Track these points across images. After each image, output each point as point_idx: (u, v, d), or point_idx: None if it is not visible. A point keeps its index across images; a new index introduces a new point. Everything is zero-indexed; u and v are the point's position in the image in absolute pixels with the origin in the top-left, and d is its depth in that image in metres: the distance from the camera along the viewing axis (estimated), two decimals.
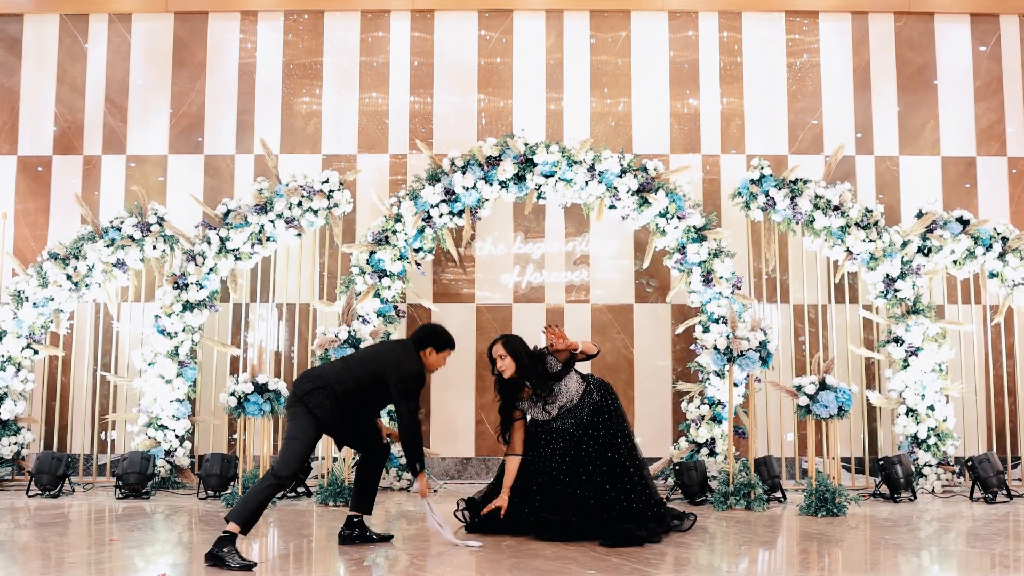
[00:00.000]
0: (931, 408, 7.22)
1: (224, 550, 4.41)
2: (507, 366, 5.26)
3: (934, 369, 7.26)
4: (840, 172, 8.09)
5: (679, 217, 7.40)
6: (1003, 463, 7.32)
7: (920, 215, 7.52)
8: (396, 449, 7.31)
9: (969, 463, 6.84)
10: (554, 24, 8.36)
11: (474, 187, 7.44)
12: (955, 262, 7.55)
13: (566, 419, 5.39)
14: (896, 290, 7.36)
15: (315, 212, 7.56)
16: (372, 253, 7.46)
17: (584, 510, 5.10)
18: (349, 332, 6.57)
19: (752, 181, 7.52)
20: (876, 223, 7.44)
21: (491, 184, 7.44)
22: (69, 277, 7.53)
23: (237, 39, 8.38)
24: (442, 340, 5.12)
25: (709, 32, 8.34)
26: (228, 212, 7.58)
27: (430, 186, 7.46)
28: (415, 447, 4.81)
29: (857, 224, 7.40)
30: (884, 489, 6.86)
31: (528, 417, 5.45)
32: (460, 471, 7.97)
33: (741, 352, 6.41)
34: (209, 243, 7.51)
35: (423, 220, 7.48)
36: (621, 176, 7.42)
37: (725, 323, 7.11)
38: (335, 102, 8.32)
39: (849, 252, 7.43)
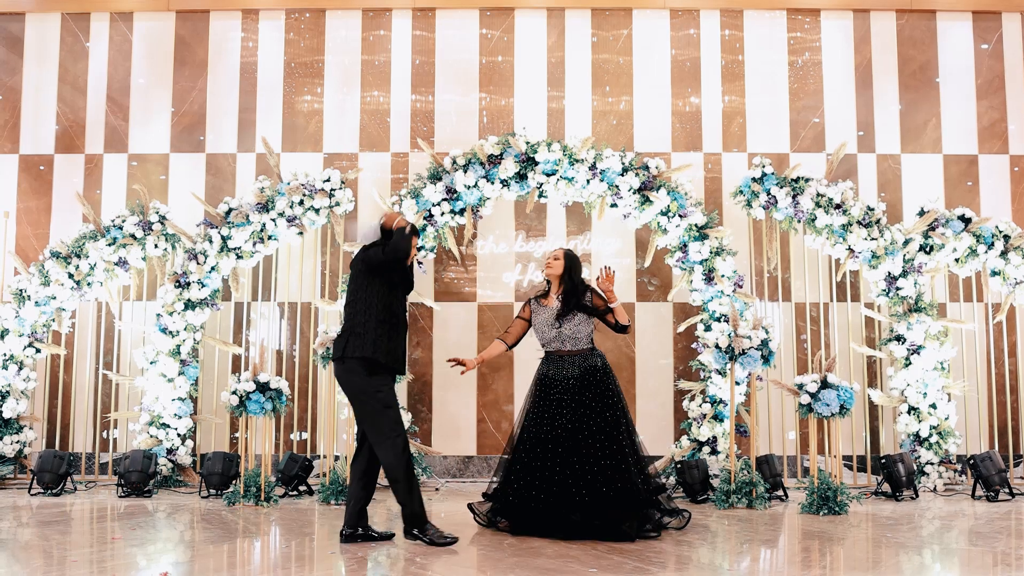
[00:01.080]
0: (933, 406, 7.21)
1: (424, 530, 4.78)
2: (556, 267, 5.48)
3: (936, 367, 7.25)
4: (842, 170, 8.08)
5: (681, 215, 7.39)
6: (1005, 461, 7.31)
7: (922, 213, 7.51)
8: None
9: (971, 461, 6.84)
10: (555, 23, 8.35)
11: (475, 186, 7.44)
12: (957, 260, 7.54)
13: (564, 365, 5.40)
14: (898, 288, 7.35)
15: (317, 211, 7.57)
16: None
17: (589, 486, 5.09)
18: None
19: (754, 179, 7.52)
20: (878, 221, 7.43)
21: (492, 183, 7.44)
22: (71, 276, 7.54)
23: (238, 38, 8.39)
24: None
25: (710, 30, 8.34)
26: (230, 211, 7.58)
27: (432, 184, 7.46)
28: (398, 246, 4.83)
29: (859, 222, 7.39)
30: (886, 487, 6.86)
31: (533, 324, 5.56)
32: (462, 470, 7.97)
33: (743, 350, 6.41)
34: (211, 242, 7.51)
35: (425, 219, 7.49)
36: (623, 174, 7.41)
37: (727, 321, 7.10)
38: (337, 100, 8.32)
39: (851, 250, 7.43)
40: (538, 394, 5.45)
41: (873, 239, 7.37)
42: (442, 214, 7.49)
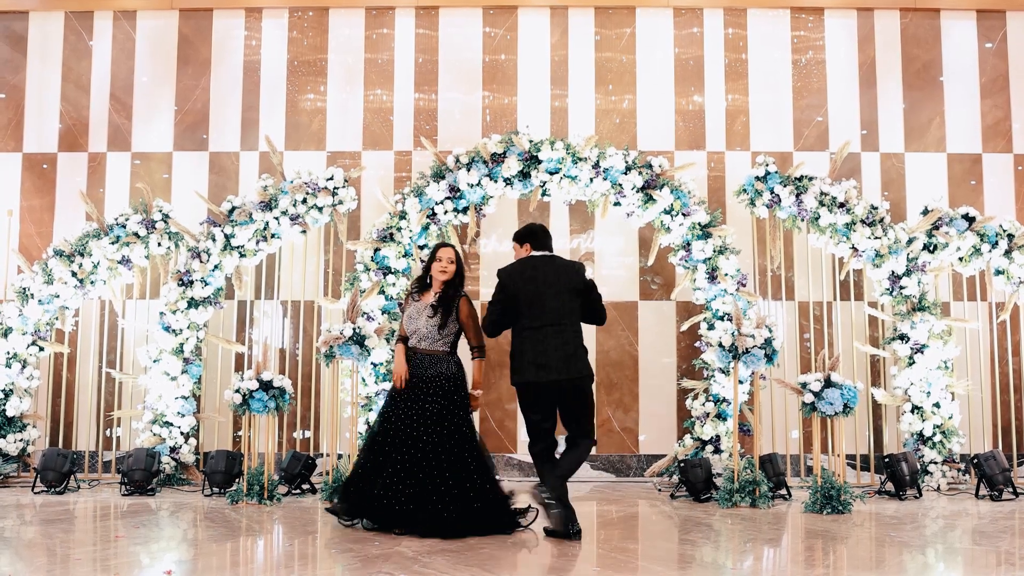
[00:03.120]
0: (937, 405, 7.20)
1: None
2: (451, 271, 5.59)
3: (940, 366, 7.24)
4: (845, 169, 8.07)
5: (684, 214, 7.38)
6: (1009, 460, 7.30)
7: (926, 212, 7.50)
8: None
9: (975, 460, 6.83)
10: (559, 21, 8.35)
11: (479, 184, 7.44)
12: (961, 259, 7.53)
13: (430, 366, 5.42)
14: (902, 287, 7.34)
15: (320, 209, 7.57)
16: (377, 250, 7.46)
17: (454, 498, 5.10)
18: (354, 329, 6.57)
19: (757, 178, 7.51)
20: (881, 220, 7.42)
21: (496, 181, 7.43)
22: (74, 274, 7.54)
23: (242, 36, 8.39)
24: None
25: (714, 29, 8.33)
26: (233, 209, 7.58)
27: (435, 183, 7.46)
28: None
29: (862, 221, 7.38)
30: (889, 486, 6.85)
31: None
32: None
33: (746, 349, 6.40)
34: (214, 240, 7.51)
35: (428, 217, 7.48)
36: (626, 173, 7.41)
37: (730, 320, 7.10)
38: (340, 99, 8.32)
39: (854, 249, 7.42)
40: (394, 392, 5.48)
41: (877, 238, 7.36)
42: (445, 212, 7.48)
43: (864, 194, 7.98)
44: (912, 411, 7.24)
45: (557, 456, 5.21)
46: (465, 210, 7.56)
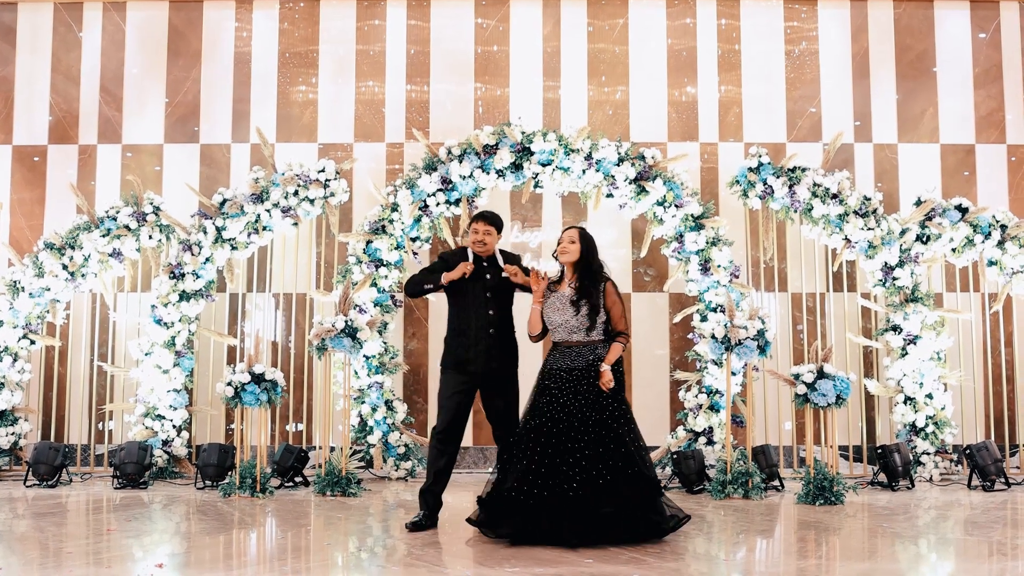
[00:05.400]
0: (929, 396, 7.21)
1: None
2: (572, 252, 5.12)
3: (932, 357, 7.25)
4: (839, 160, 8.06)
5: (677, 206, 7.37)
6: (1001, 451, 7.31)
7: (919, 203, 7.50)
8: (393, 439, 7.31)
9: (967, 451, 6.84)
10: (551, 12, 8.31)
11: (471, 176, 7.41)
12: (954, 250, 7.53)
13: (569, 357, 4.97)
14: (895, 278, 7.34)
15: (311, 201, 7.54)
16: (369, 242, 7.43)
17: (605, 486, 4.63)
18: (346, 322, 6.55)
19: (750, 169, 7.50)
20: (875, 211, 7.42)
21: (488, 173, 7.41)
22: (65, 267, 7.50)
23: (232, 27, 8.34)
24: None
25: (707, 19, 8.30)
26: (224, 201, 7.55)
27: (427, 175, 7.43)
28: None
29: (855, 212, 7.38)
30: (882, 477, 6.86)
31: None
32: (458, 461, 7.93)
33: (739, 341, 6.40)
34: (205, 233, 7.48)
35: (420, 209, 7.46)
36: (618, 164, 7.39)
37: (723, 312, 7.09)
38: (331, 91, 8.28)
39: (847, 240, 7.42)
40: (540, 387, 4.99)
41: (870, 229, 7.35)
42: (437, 204, 7.46)
43: (857, 185, 7.98)
44: (905, 402, 7.25)
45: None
46: (457, 202, 7.53)
